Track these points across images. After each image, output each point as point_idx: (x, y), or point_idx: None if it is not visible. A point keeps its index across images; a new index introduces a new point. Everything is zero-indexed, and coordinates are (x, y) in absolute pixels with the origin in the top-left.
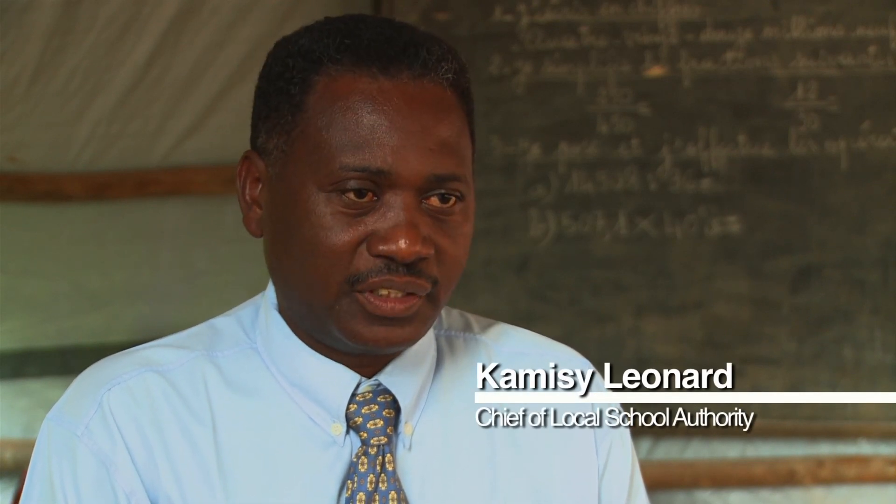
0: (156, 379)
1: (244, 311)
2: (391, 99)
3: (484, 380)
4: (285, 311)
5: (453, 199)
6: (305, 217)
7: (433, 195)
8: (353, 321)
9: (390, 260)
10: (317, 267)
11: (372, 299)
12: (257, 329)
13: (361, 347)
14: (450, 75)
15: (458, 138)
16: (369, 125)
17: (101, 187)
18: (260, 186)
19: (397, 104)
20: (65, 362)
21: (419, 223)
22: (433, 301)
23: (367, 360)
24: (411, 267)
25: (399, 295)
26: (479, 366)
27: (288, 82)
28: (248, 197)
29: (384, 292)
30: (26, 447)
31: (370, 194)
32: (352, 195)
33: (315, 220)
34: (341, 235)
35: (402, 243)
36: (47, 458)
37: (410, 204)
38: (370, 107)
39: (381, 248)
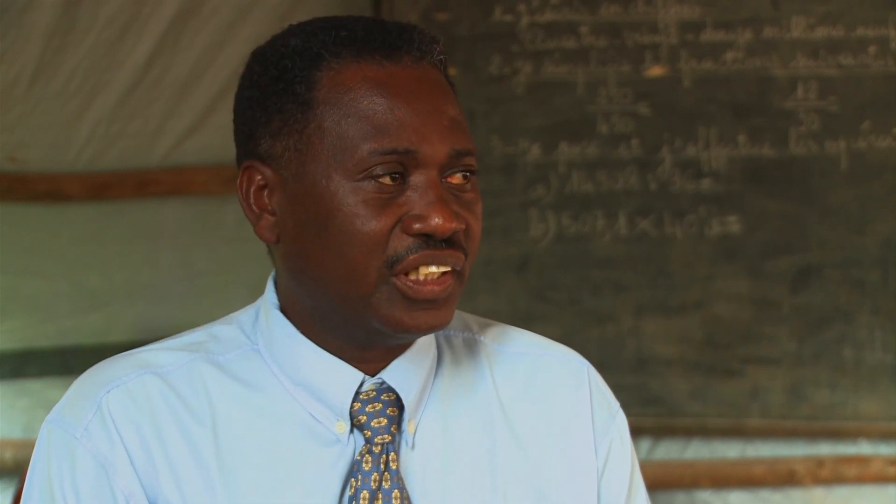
0: (155, 381)
1: (243, 315)
2: (402, 82)
3: (484, 380)
4: (293, 310)
5: (469, 174)
6: (337, 209)
7: (454, 172)
8: (392, 308)
9: (427, 237)
10: (354, 256)
11: (411, 283)
12: (258, 331)
13: (399, 335)
14: (441, 57)
15: (461, 116)
16: (387, 109)
17: (101, 187)
18: (267, 193)
19: (409, 86)
20: (65, 362)
21: (448, 199)
22: (460, 279)
23: (373, 356)
24: (448, 241)
25: (436, 275)
26: (480, 366)
27: (290, 82)
28: (255, 207)
29: (423, 273)
30: (26, 447)
31: (398, 177)
32: (386, 179)
33: (347, 211)
34: (376, 222)
35: (438, 220)
36: (46, 460)
37: (436, 181)
38: (384, 91)
39: (416, 226)
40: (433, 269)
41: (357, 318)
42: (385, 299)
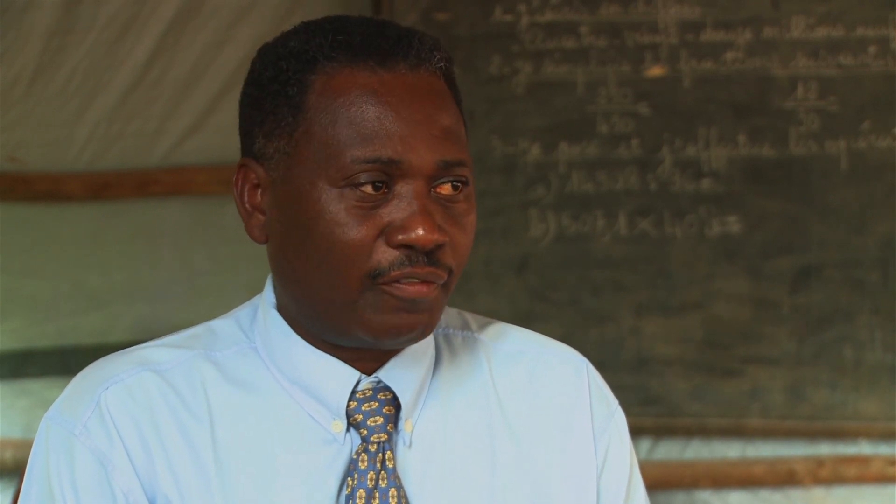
0: (154, 378)
1: (242, 312)
2: (393, 90)
3: (483, 378)
4: (286, 310)
5: (461, 185)
6: (319, 215)
7: (443, 182)
8: (378, 313)
9: (410, 249)
10: (336, 264)
11: (397, 285)
12: (256, 329)
13: (381, 342)
14: (442, 64)
15: (457, 125)
16: (375, 117)
17: (101, 187)
18: (260, 192)
19: (400, 95)
20: (65, 362)
21: (433, 211)
22: (446, 290)
23: (369, 356)
24: (430, 255)
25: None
26: (479, 364)
27: (284, 84)
28: (248, 205)
29: (405, 282)
30: (26, 447)
31: (383, 186)
32: (368, 188)
33: (330, 218)
34: (359, 230)
35: (420, 231)
36: (45, 457)
37: (422, 192)
38: (373, 99)
39: (399, 237)
40: (415, 280)
41: (339, 324)
42: (370, 304)
